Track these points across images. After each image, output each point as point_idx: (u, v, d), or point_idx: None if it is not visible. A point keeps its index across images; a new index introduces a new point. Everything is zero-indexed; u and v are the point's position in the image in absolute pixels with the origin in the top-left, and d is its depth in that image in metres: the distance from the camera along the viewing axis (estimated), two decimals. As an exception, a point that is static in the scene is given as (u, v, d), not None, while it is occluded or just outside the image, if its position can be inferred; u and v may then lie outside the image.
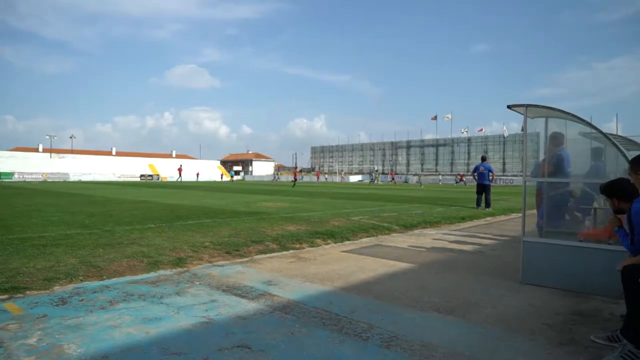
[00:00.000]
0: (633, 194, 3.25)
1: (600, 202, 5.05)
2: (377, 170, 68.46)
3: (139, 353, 2.74)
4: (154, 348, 2.82)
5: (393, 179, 59.58)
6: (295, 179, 40.53)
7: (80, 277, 4.45)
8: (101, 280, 4.46)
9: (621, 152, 4.39)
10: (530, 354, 2.88)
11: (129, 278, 4.58)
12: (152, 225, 8.09)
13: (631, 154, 5.03)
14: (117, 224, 8.29)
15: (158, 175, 70.75)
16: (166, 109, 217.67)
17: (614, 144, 4.47)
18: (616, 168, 4.88)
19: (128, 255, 5.39)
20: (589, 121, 4.77)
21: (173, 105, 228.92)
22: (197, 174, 63.38)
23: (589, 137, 5.59)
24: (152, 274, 4.77)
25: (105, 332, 3.07)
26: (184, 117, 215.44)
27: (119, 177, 65.89)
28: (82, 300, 3.78)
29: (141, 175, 68.74)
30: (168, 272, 4.91)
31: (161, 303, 3.78)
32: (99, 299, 3.84)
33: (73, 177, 60.34)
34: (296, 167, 49.10)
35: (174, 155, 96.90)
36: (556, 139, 5.42)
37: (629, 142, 8.13)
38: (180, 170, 52.72)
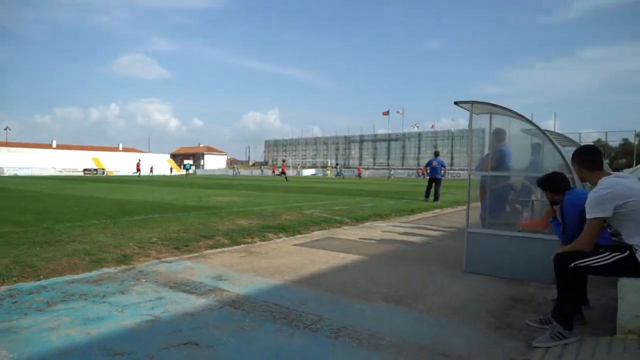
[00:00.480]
0: (565, 187, 3.48)
1: (538, 195, 5.35)
2: (338, 164, 68.84)
3: (78, 355, 2.62)
4: (95, 349, 2.70)
5: (359, 174, 58.24)
6: (284, 173, 39.72)
7: (14, 278, 4.18)
8: (38, 280, 4.20)
9: (556, 147, 4.66)
10: (471, 338, 3.02)
11: (68, 277, 4.35)
12: (96, 222, 7.72)
13: (566, 150, 5.37)
14: (57, 220, 7.85)
15: (104, 169, 67.40)
16: (112, 100, 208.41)
17: (550, 140, 4.74)
18: (553, 163, 5.17)
19: (68, 254, 5.12)
20: (529, 119, 5.04)
21: (119, 96, 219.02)
22: (152, 168, 60.78)
23: (530, 134, 5.90)
24: (94, 273, 4.56)
25: (41, 335, 2.90)
26: (132, 109, 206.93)
27: (60, 171, 62.11)
28: (16, 302, 3.55)
29: (85, 170, 65.21)
30: (112, 270, 4.71)
31: (104, 302, 3.62)
32: (35, 300, 3.62)
33: (8, 172, 56.26)
34: (284, 161, 48.43)
35: (120, 148, 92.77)
36: (498, 135, 5.68)
37: (564, 139, 8.67)
38: (139, 164, 50.70)
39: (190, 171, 66.91)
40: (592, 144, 5.58)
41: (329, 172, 67.70)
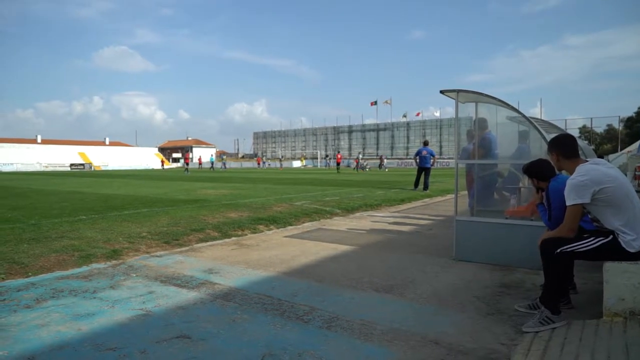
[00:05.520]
0: (550, 174, 3.52)
1: (525, 182, 5.40)
2: (327, 156, 68.78)
3: (69, 351, 2.61)
4: (86, 345, 2.69)
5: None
6: (339, 164, 40.30)
7: (2, 276, 4.13)
8: (26, 277, 4.16)
9: (541, 134, 4.70)
10: (461, 325, 3.06)
11: (58, 274, 4.31)
12: (84, 217, 7.65)
13: (551, 136, 5.41)
14: (44, 216, 7.75)
15: (90, 164, 66.60)
16: (95, 93, 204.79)
17: (535, 127, 4.78)
18: (540, 150, 5.22)
19: (57, 250, 5.07)
20: (515, 106, 5.07)
21: (102, 89, 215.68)
22: (200, 160, 56.97)
23: (516, 121, 5.94)
24: (84, 268, 4.52)
25: (31, 331, 2.88)
26: (116, 102, 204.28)
27: (46, 167, 61.19)
28: (5, 300, 3.52)
29: (72, 165, 64.31)
30: (101, 265, 4.68)
31: (94, 298, 3.60)
32: (24, 297, 3.59)
33: (-8, 168, 55.37)
34: (339, 152, 47.52)
35: (107, 142, 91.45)
36: (482, 123, 5.70)
37: (550, 125, 8.76)
38: (187, 157, 42.86)
39: (217, 165, 60.18)
40: (568, 132, 5.63)
41: (302, 162, 68.70)
